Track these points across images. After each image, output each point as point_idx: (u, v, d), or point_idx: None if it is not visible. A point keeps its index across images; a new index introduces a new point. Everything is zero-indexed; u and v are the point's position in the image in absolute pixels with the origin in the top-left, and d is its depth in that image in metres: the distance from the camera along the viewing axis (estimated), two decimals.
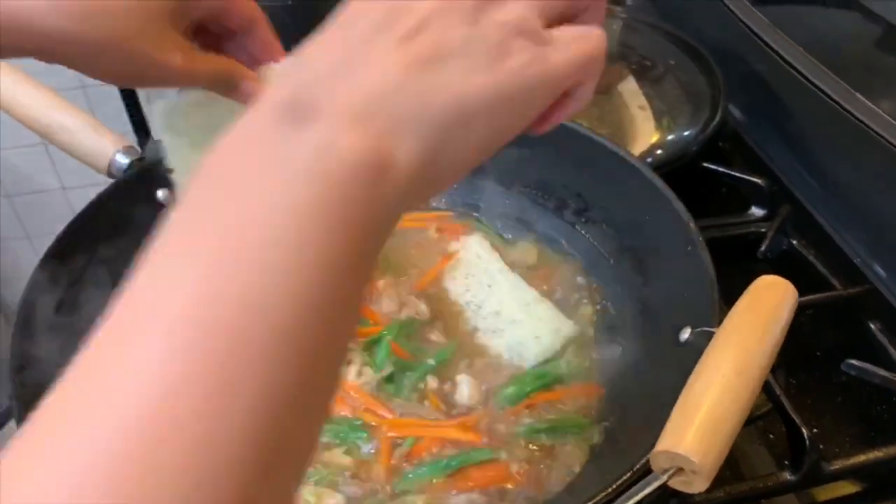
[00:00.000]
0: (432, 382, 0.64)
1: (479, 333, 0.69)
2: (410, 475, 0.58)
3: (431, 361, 0.65)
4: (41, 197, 1.87)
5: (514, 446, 0.60)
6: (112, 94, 1.57)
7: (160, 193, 0.71)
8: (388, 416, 0.61)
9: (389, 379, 0.64)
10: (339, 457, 0.59)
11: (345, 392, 0.62)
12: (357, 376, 0.63)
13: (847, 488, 0.62)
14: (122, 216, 0.68)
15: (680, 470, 0.41)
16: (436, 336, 0.68)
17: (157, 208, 0.71)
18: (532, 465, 0.59)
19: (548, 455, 0.60)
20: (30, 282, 0.60)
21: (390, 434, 0.60)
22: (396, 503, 0.57)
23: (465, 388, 0.63)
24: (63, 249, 0.64)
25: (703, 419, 0.41)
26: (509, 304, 0.69)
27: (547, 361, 0.66)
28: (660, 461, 0.42)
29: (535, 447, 0.60)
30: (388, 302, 0.69)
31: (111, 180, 0.72)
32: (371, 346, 0.65)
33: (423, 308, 0.69)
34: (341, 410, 0.61)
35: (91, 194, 0.72)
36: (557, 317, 0.69)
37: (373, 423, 0.61)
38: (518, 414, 0.62)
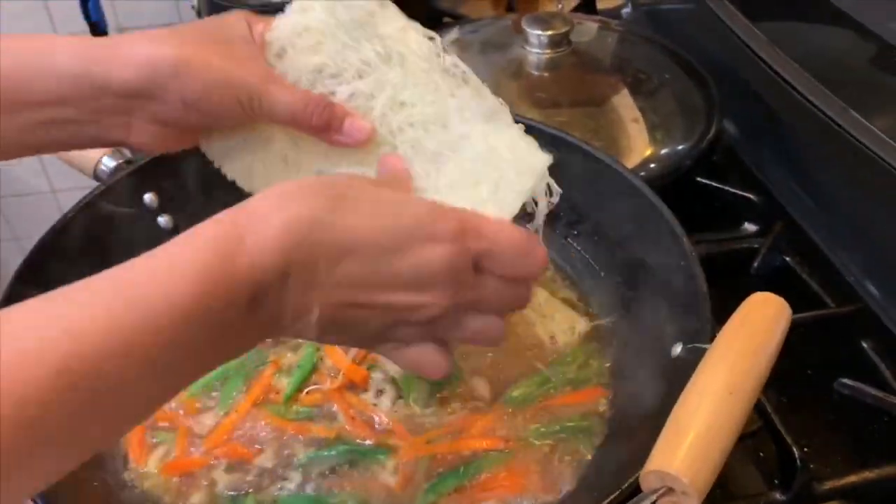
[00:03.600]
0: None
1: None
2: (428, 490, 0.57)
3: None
4: (30, 199, 1.86)
5: (527, 448, 0.60)
6: None
7: (147, 197, 0.70)
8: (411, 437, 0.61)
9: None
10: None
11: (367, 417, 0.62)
12: (392, 403, 0.62)
13: None
14: (107, 220, 0.67)
15: (670, 490, 0.40)
16: None
17: (144, 212, 0.71)
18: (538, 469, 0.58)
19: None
20: (7, 289, 0.59)
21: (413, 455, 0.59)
22: None
23: (480, 387, 0.63)
24: (45, 253, 0.62)
25: (694, 439, 0.40)
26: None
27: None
28: (650, 481, 0.41)
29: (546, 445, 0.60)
30: None
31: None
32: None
33: None
34: (366, 438, 0.61)
35: (80, 197, 0.71)
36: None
37: (392, 444, 0.60)
38: (527, 417, 0.62)
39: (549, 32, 0.93)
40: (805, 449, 0.58)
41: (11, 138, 0.49)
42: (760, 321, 0.47)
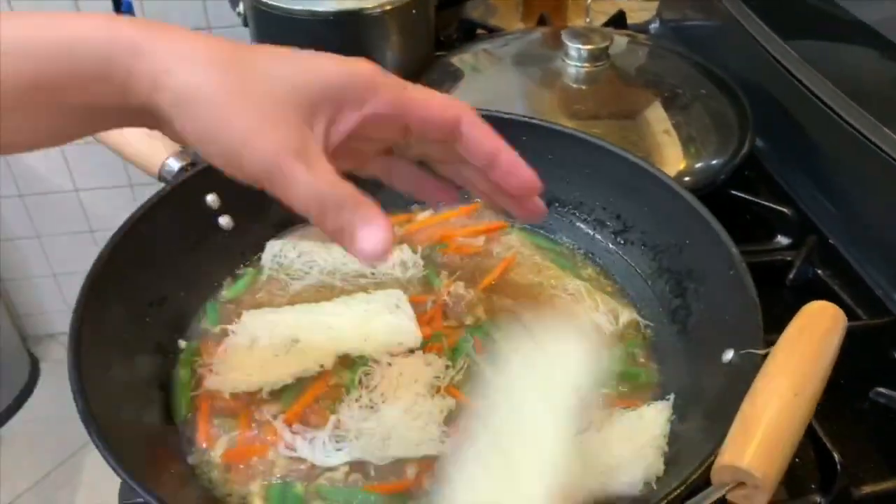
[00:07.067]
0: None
1: None
2: None
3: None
4: (53, 198, 1.87)
5: None
6: None
7: (209, 198, 0.72)
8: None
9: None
10: None
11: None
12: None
13: None
14: (172, 220, 0.70)
15: (741, 484, 0.42)
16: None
17: (206, 212, 0.73)
18: None
19: None
20: (81, 296, 0.61)
21: None
22: None
23: None
24: (116, 253, 0.64)
25: (763, 436, 0.43)
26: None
27: None
28: (722, 475, 0.43)
29: None
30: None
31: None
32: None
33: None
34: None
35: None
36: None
37: None
38: None
39: (590, 47, 0.95)
40: (842, 455, 0.60)
41: (48, 133, 0.45)
42: (819, 328, 0.49)
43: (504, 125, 0.78)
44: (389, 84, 0.47)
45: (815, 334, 0.49)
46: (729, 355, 0.58)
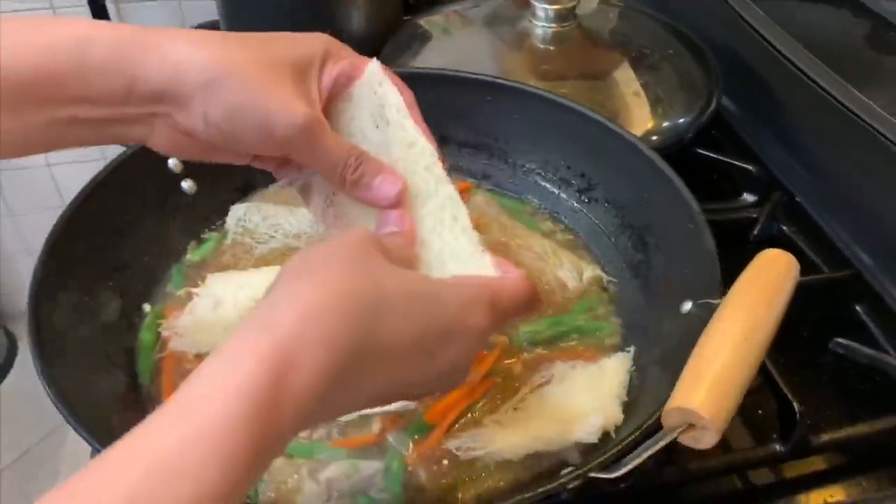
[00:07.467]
0: None
1: None
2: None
3: None
4: (24, 174, 1.85)
5: None
6: None
7: (171, 162, 0.72)
8: None
9: None
10: None
11: None
12: None
13: (825, 462, 0.65)
14: (132, 185, 0.69)
15: (690, 426, 0.43)
16: None
17: (168, 176, 0.72)
18: None
19: None
20: (43, 254, 0.60)
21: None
22: None
23: None
24: (74, 218, 0.64)
25: (713, 379, 0.44)
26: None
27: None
28: (671, 418, 0.44)
29: None
30: None
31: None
32: None
33: None
34: None
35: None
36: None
37: None
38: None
39: (556, 7, 0.95)
40: (802, 405, 0.61)
41: (32, 136, 0.45)
42: (772, 275, 0.50)
43: (470, 85, 0.79)
44: (346, 51, 0.52)
45: (767, 281, 0.50)
46: (687, 306, 0.59)
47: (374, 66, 0.53)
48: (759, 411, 0.67)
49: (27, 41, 0.43)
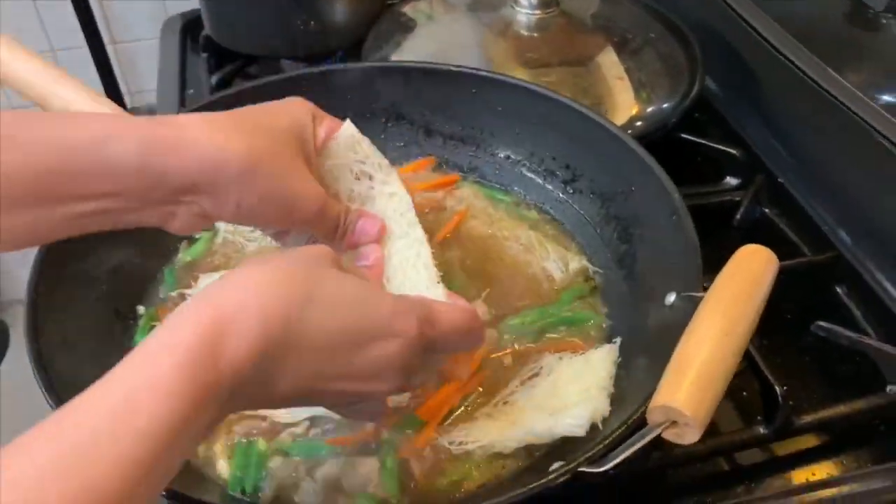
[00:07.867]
0: None
1: None
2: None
3: None
4: None
5: None
6: (86, 60, 1.55)
7: None
8: None
9: None
10: None
11: None
12: None
13: (807, 442, 0.66)
14: None
15: (673, 423, 0.45)
16: None
17: None
18: None
19: None
20: (37, 261, 0.61)
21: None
22: None
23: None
24: None
25: (695, 376, 0.45)
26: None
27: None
28: (655, 415, 0.45)
29: None
30: None
31: None
32: None
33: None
34: None
35: None
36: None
37: None
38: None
39: None
40: (785, 387, 0.62)
41: (50, 229, 0.46)
42: (751, 271, 0.51)
43: (454, 78, 0.79)
44: (321, 111, 0.58)
45: (746, 277, 0.51)
46: (671, 298, 0.60)
47: (349, 127, 0.59)
48: (744, 393, 0.69)
49: (47, 135, 0.44)
